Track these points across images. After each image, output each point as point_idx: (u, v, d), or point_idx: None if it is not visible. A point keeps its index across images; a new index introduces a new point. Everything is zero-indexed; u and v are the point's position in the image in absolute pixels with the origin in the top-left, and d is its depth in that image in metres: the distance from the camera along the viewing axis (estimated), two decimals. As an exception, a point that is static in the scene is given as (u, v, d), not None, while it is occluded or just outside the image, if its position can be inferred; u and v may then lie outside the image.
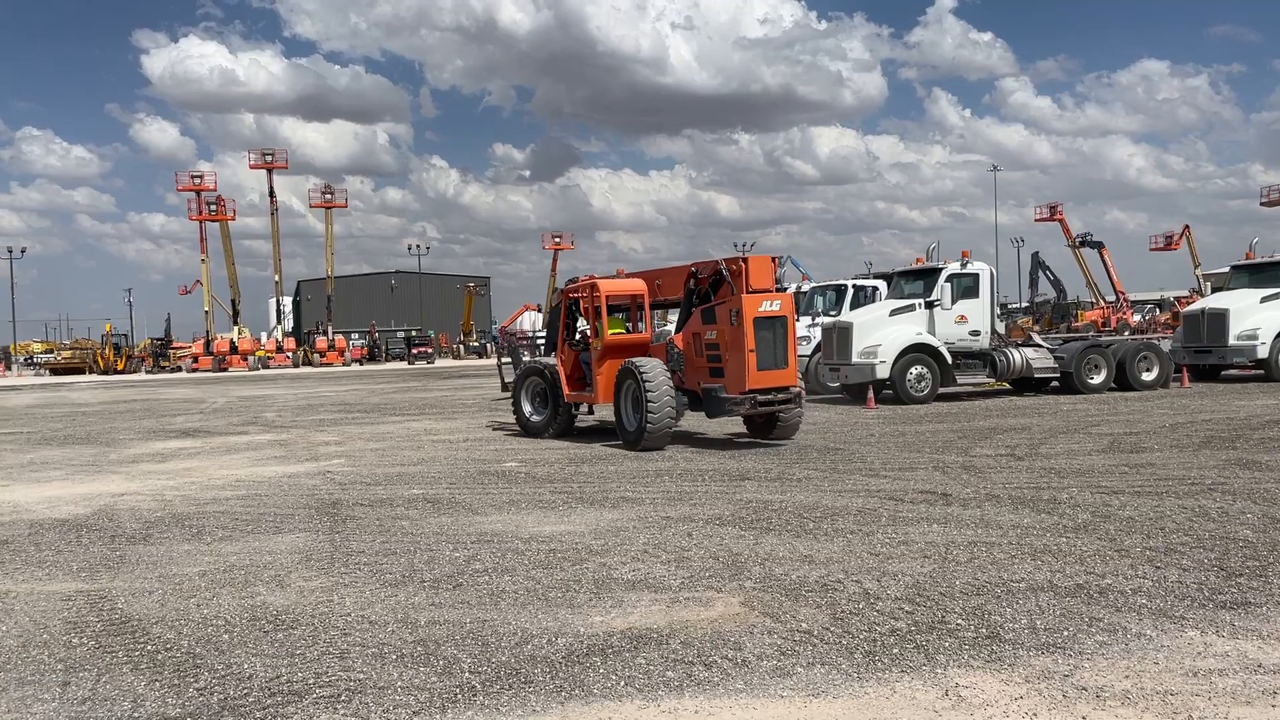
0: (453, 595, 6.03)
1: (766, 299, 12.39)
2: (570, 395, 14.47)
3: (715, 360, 12.82)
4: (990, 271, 19.86)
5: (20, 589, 6.54)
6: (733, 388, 12.46)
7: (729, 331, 12.49)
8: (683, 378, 13.30)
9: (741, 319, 12.26)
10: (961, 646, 4.81)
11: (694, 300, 13.43)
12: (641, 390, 12.56)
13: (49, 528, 8.73)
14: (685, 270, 13.78)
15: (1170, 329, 31.29)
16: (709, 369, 12.94)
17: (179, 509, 9.49)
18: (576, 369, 14.70)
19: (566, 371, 14.66)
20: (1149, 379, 20.56)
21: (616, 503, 9.05)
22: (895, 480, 9.84)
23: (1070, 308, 61.98)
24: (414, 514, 8.82)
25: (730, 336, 12.47)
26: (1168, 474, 9.76)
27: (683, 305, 13.77)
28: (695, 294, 13.43)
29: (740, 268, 12.50)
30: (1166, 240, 69.71)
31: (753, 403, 12.47)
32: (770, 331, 12.43)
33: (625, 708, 4.22)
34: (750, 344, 12.24)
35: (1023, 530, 7.32)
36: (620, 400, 13.23)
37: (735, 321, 12.37)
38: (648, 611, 5.55)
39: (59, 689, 4.63)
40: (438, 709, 4.26)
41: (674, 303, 14.60)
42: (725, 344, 12.57)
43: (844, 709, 4.14)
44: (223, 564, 7.07)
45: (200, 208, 63.58)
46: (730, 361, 12.53)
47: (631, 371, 12.87)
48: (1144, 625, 5.05)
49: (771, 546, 7.05)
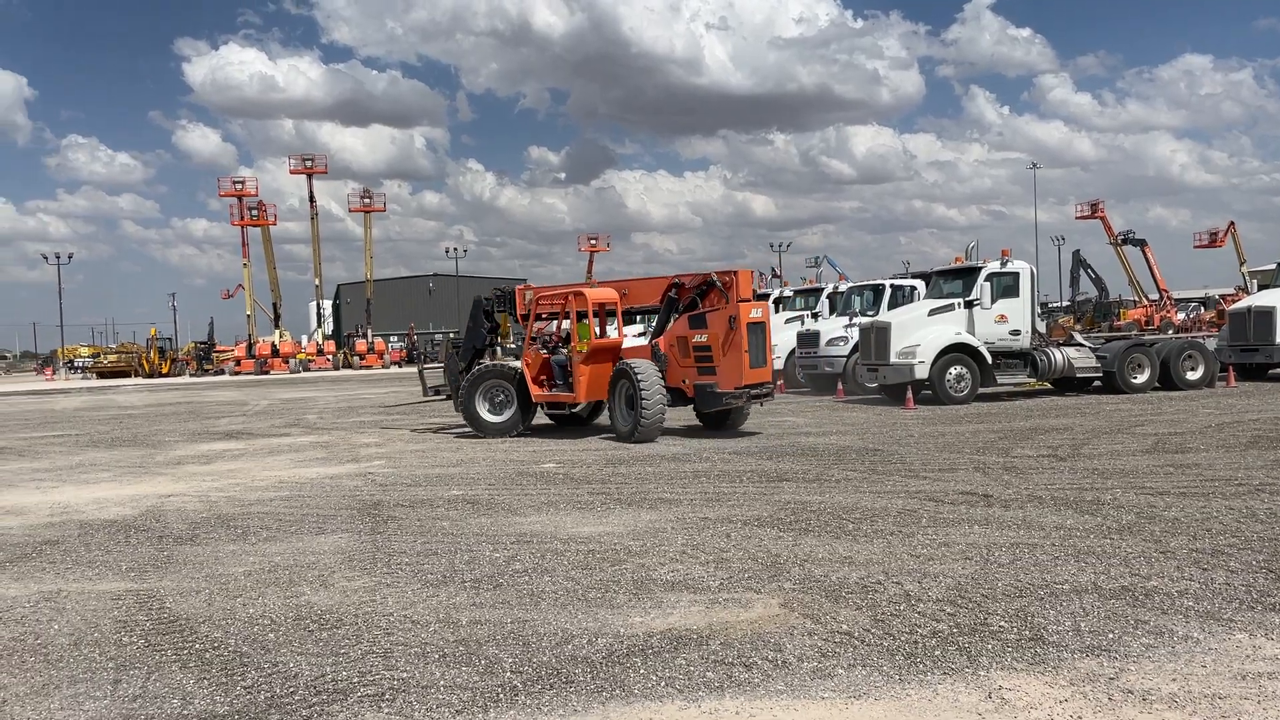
0: (493, 595, 6.07)
1: (754, 307, 14.07)
2: (538, 395, 15.49)
3: (706, 360, 14.20)
4: (1030, 270, 19.65)
5: (71, 588, 6.67)
6: (726, 384, 13.98)
7: (724, 335, 13.94)
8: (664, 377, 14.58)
9: (738, 324, 13.81)
10: (1004, 648, 4.77)
11: (675, 308, 14.98)
12: (636, 389, 13.87)
13: (98, 528, 8.90)
14: (656, 281, 15.57)
15: (1215, 327, 30.78)
16: (698, 368, 14.31)
17: (224, 510, 9.64)
18: (543, 370, 15.71)
19: (532, 374, 15.57)
20: (1194, 378, 20.24)
21: (654, 504, 9.07)
22: (935, 481, 9.78)
23: (1112, 306, 61.13)
24: (454, 515, 8.89)
25: (726, 339, 13.92)
26: (1214, 475, 9.61)
27: (662, 312, 15.30)
28: (676, 302, 14.97)
29: (732, 280, 14.04)
30: (1211, 237, 68.60)
31: (747, 396, 14.06)
32: (757, 335, 14.04)
33: (666, 708, 4.23)
34: (744, 345, 13.80)
35: (1066, 532, 7.25)
36: (614, 398, 14.50)
37: (733, 326, 13.87)
38: (687, 612, 5.56)
39: (110, 686, 4.72)
40: (480, 708, 4.29)
41: (644, 310, 16.32)
42: (719, 346, 14.00)
43: (885, 711, 4.13)
44: (267, 564, 7.17)
45: (242, 213, 64.52)
46: (726, 361, 13.96)
47: (626, 372, 14.19)
48: (1191, 628, 4.98)
49: (810, 548, 7.03)
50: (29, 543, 8.33)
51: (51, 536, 8.58)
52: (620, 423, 14.37)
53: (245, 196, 64.85)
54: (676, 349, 14.55)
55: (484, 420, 15.71)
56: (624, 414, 14.30)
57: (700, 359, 14.23)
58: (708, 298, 14.41)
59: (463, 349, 17.33)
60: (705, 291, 14.46)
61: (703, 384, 14.16)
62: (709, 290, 14.38)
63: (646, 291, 15.68)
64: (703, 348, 14.18)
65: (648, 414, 13.81)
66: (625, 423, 14.24)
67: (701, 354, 14.20)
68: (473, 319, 17.12)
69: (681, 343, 14.46)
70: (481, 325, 16.86)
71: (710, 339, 14.08)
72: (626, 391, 14.24)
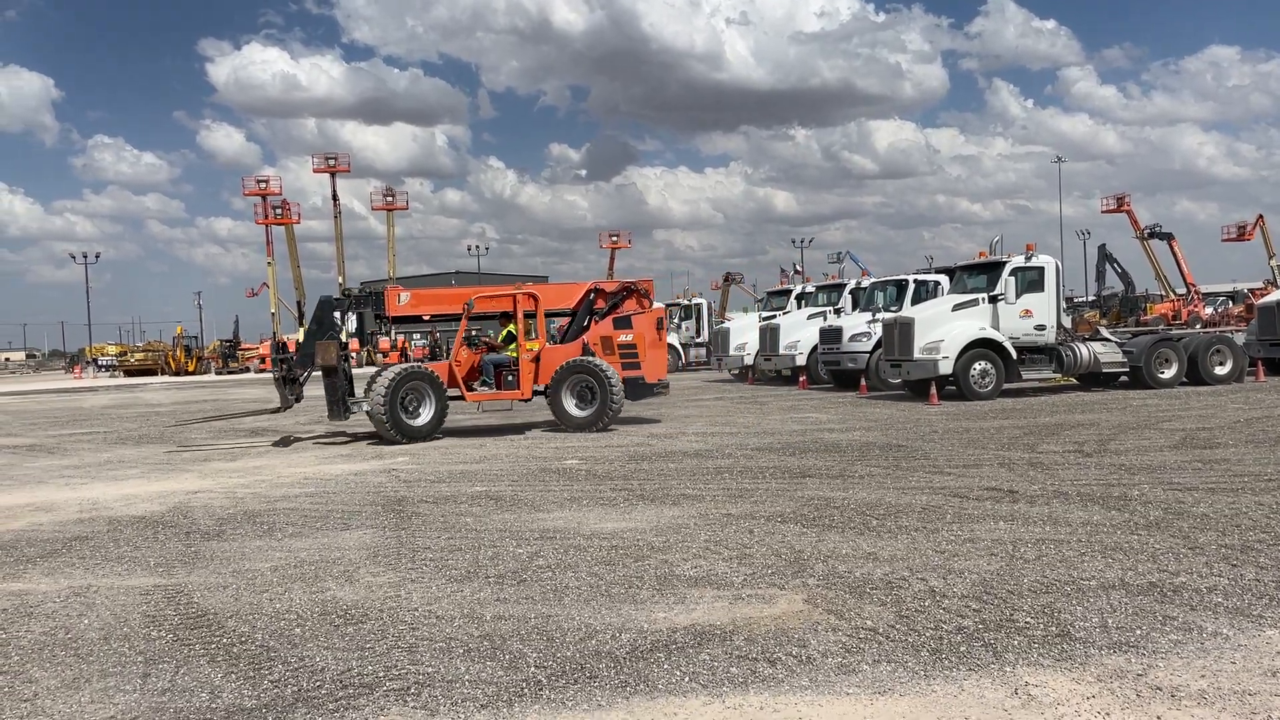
0: (517, 591, 6.09)
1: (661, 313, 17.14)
2: (474, 396, 16.03)
3: (630, 357, 16.31)
4: (1055, 264, 19.50)
5: (101, 584, 6.75)
6: (651, 376, 16.49)
7: (649, 335, 16.38)
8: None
9: (661, 326, 16.83)
10: (1030, 645, 4.74)
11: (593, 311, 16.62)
12: (604, 382, 15.51)
13: (127, 524, 8.99)
14: (573, 287, 17.24)
15: (1244, 321, 30.42)
16: (623, 364, 16.24)
17: (250, 506, 9.72)
18: (473, 372, 16.22)
19: (463, 374, 15.95)
20: (1222, 373, 20.04)
21: (677, 500, 9.07)
22: (960, 477, 9.72)
23: (1139, 301, 60.49)
24: (478, 511, 8.92)
25: (650, 339, 16.39)
26: (1243, 470, 9.50)
27: (581, 314, 16.81)
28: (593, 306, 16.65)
29: (648, 288, 16.76)
30: (1239, 230, 67.74)
31: (667, 386, 17.18)
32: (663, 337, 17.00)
33: (690, 703, 4.23)
34: (664, 344, 16.79)
35: (1092, 528, 7.19)
36: (562, 392, 15.68)
37: (661, 327, 16.84)
38: (711, 608, 5.56)
39: (140, 680, 4.77)
40: (504, 703, 4.31)
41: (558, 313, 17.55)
42: (644, 344, 16.31)
43: (910, 707, 4.11)
44: (293, 559, 7.22)
45: (266, 212, 64.98)
46: (650, 357, 16.41)
47: (585, 367, 15.64)
48: (1220, 624, 4.93)
49: (834, 544, 7.01)
50: (59, 539, 8.43)
51: (81, 533, 8.68)
52: (573, 414, 15.66)
53: (269, 196, 65.31)
54: (600, 347, 16.25)
55: (405, 424, 14.90)
56: (575, 407, 15.69)
57: (626, 356, 16.26)
58: (627, 303, 16.57)
59: (301, 354, 16.13)
60: (624, 298, 16.60)
61: (631, 377, 16.20)
62: (627, 296, 16.58)
63: (561, 296, 17.36)
64: (628, 346, 16.26)
65: (616, 404, 15.55)
66: (581, 414, 15.64)
67: (627, 351, 16.27)
68: (317, 322, 15.92)
69: (606, 341, 16.26)
70: (332, 329, 15.69)
71: (636, 338, 16.27)
72: (578, 386, 15.66)
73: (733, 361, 29.14)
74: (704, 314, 38.65)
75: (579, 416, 15.67)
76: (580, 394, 15.71)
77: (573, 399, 15.73)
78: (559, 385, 15.69)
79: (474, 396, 16.02)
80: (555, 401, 15.75)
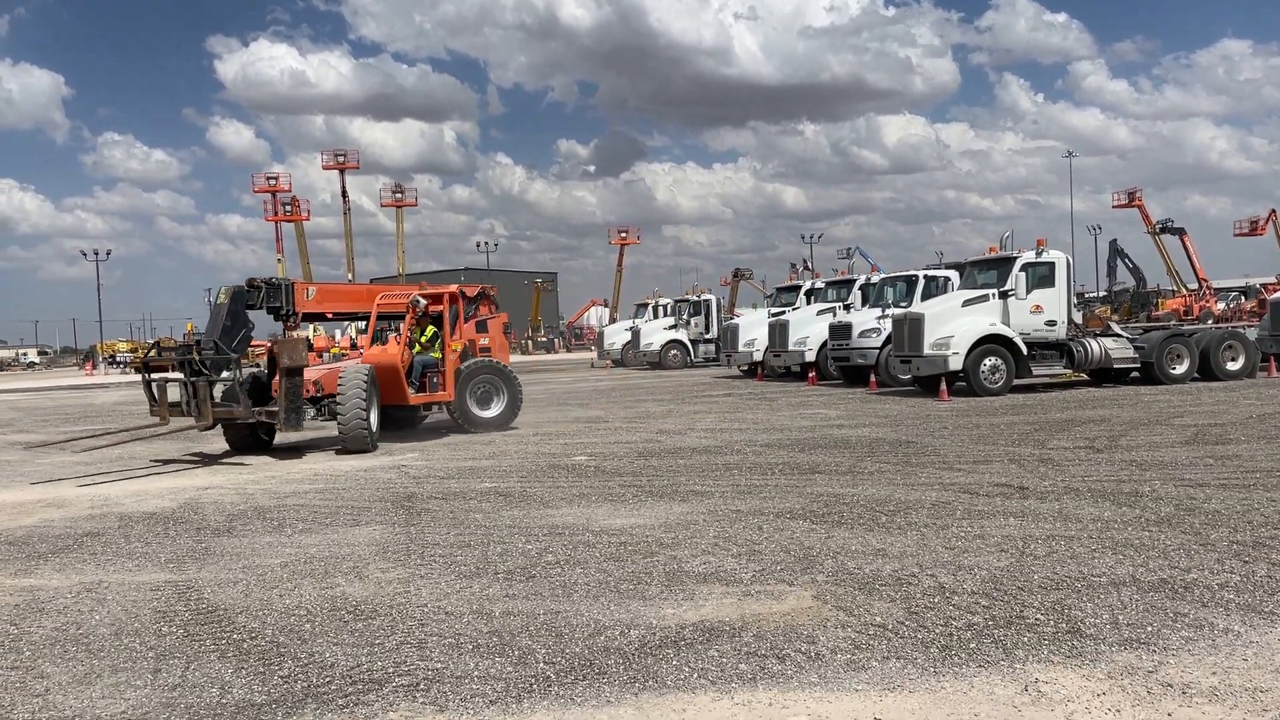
0: (526, 587, 6.10)
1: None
2: (415, 398, 15.62)
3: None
4: (1066, 260, 19.43)
5: (112, 579, 6.78)
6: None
7: (499, 338, 17.35)
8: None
9: (507, 331, 17.91)
10: (1041, 641, 4.72)
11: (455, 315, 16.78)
12: (509, 383, 16.18)
13: (137, 520, 9.03)
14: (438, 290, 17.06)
15: (1256, 317, 30.27)
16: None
17: (260, 502, 9.75)
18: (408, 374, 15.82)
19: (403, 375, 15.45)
20: (1234, 369, 19.95)
21: (686, 496, 9.07)
22: (970, 473, 9.70)
23: (1150, 296, 60.31)
24: (487, 507, 8.93)
25: (500, 342, 17.30)
26: (1255, 466, 9.46)
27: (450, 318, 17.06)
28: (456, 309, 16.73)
29: (493, 294, 17.50)
30: (1252, 225, 67.48)
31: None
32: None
33: (699, 699, 4.23)
34: (508, 348, 17.89)
35: (1103, 524, 7.16)
36: (467, 394, 15.84)
37: (507, 332, 17.94)
38: (719, 604, 5.55)
39: (150, 675, 4.79)
40: (514, 698, 4.31)
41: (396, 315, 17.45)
42: (496, 347, 17.19)
43: (920, 703, 4.10)
44: (303, 555, 7.24)
45: (276, 209, 65.23)
46: (502, 360, 17.01)
47: (490, 368, 16.17)
48: (1231, 621, 4.91)
49: (843, 540, 6.99)
50: (70, 535, 8.47)
51: (92, 529, 8.72)
52: (480, 416, 15.89)
53: (279, 192, 65.57)
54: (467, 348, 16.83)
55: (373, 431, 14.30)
56: (478, 408, 15.95)
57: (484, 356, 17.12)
58: (481, 308, 17.19)
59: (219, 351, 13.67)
60: (480, 302, 17.19)
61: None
62: (481, 300, 17.16)
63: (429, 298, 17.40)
64: (486, 349, 16.98)
65: (520, 403, 16.37)
66: (487, 415, 15.95)
67: (485, 352, 16.97)
68: (232, 317, 14.16)
69: (471, 344, 16.77)
70: (245, 325, 14.43)
71: (490, 341, 17.11)
72: (482, 387, 16.06)
73: (742, 357, 29.13)
74: (713, 310, 38.57)
75: (487, 418, 15.90)
76: (482, 396, 16.01)
77: (474, 400, 15.92)
78: (463, 388, 15.74)
79: (416, 399, 15.50)
80: (460, 404, 15.70)
